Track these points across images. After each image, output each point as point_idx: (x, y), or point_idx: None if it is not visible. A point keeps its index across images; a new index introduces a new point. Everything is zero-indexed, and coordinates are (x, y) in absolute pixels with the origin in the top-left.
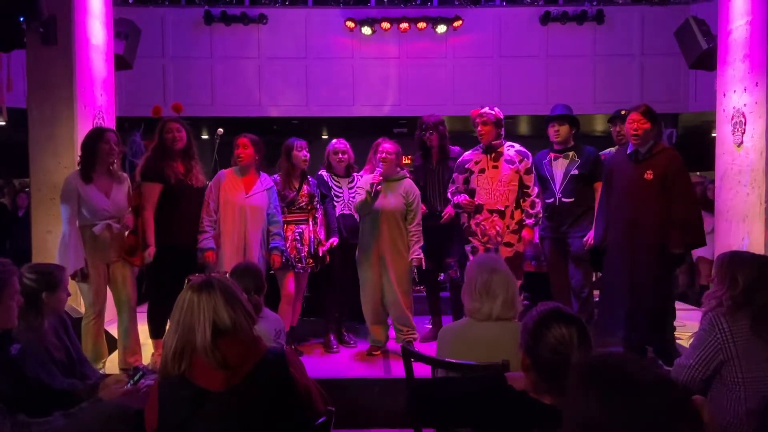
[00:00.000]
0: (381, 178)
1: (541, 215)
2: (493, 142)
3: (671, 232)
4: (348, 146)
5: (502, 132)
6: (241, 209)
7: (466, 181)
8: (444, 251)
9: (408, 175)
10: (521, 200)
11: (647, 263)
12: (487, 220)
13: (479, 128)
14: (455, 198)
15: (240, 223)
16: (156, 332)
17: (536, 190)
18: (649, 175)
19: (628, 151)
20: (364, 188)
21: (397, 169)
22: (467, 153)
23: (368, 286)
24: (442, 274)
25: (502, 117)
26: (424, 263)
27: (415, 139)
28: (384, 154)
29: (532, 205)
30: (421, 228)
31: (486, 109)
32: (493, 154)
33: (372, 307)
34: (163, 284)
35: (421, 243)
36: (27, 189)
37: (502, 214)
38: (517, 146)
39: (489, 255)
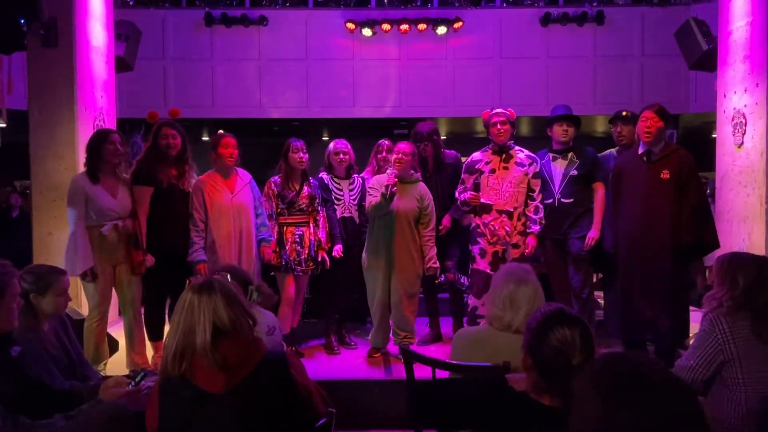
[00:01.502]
0: (396, 179)
1: (544, 221)
2: (507, 143)
3: (682, 230)
4: (349, 147)
5: (514, 132)
6: (233, 211)
7: (476, 181)
8: (443, 254)
9: (421, 179)
10: (526, 204)
11: (664, 262)
12: (496, 220)
13: (499, 127)
14: (462, 196)
15: (234, 225)
16: (154, 335)
17: (541, 195)
18: (665, 174)
19: (640, 151)
20: (378, 189)
21: (411, 171)
22: (476, 153)
23: (377, 289)
24: (442, 276)
25: (515, 117)
26: (437, 271)
27: None
28: (400, 155)
29: (536, 211)
30: (434, 234)
31: (500, 110)
32: (504, 155)
33: (380, 310)
34: (158, 287)
35: (435, 249)
36: (28, 191)
37: (510, 215)
38: (526, 151)
39: (520, 265)
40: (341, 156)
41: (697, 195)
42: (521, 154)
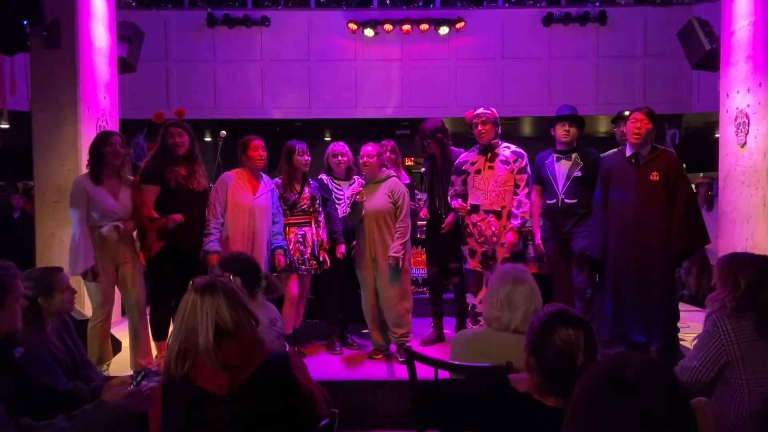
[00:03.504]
0: (361, 189)
1: (528, 216)
2: (491, 142)
3: (674, 233)
4: (347, 149)
5: (499, 131)
6: (250, 211)
7: (464, 183)
8: (448, 255)
9: (394, 174)
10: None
11: (655, 264)
12: (483, 220)
13: (479, 128)
14: (453, 202)
15: (249, 225)
16: (158, 334)
17: (526, 190)
18: (655, 176)
19: (627, 154)
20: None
21: (381, 170)
22: (464, 154)
23: (366, 289)
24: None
25: (497, 116)
26: (401, 262)
27: (417, 147)
28: (365, 159)
29: (519, 205)
30: (406, 224)
31: (482, 110)
32: (489, 155)
33: (371, 311)
34: (164, 287)
35: (404, 239)
36: (32, 191)
37: (498, 214)
38: (513, 147)
39: (515, 265)
40: (339, 158)
41: (685, 195)
42: (507, 151)
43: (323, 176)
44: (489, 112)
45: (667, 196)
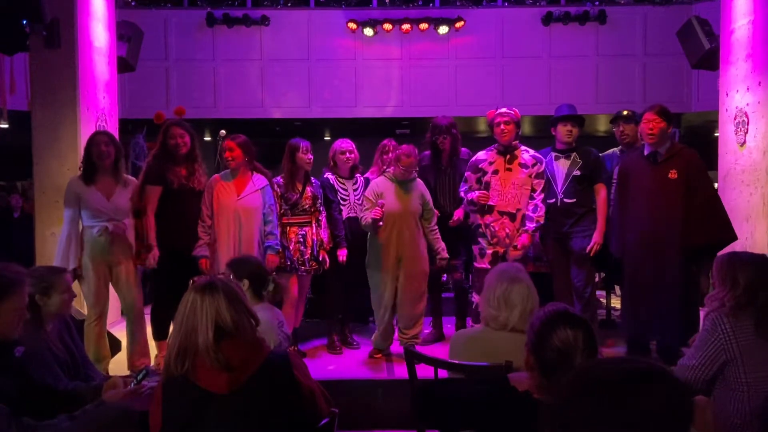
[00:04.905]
0: (381, 215)
1: (542, 220)
2: (512, 143)
3: (692, 230)
4: (354, 146)
5: (520, 132)
6: (234, 212)
7: (479, 181)
8: (450, 253)
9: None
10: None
11: (674, 264)
12: (497, 221)
13: (503, 127)
14: (469, 195)
15: (234, 226)
16: (159, 334)
17: (542, 195)
18: (673, 174)
19: (646, 153)
20: (371, 200)
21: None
22: (481, 152)
23: (386, 290)
24: (445, 275)
25: (520, 117)
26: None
27: (426, 141)
28: (412, 157)
29: (535, 209)
30: (438, 227)
31: (505, 109)
32: (508, 156)
33: (388, 313)
34: (165, 286)
35: (442, 242)
36: (30, 191)
37: (512, 216)
38: (532, 151)
39: (512, 264)
40: (347, 155)
41: (706, 192)
42: (526, 154)
43: (329, 175)
44: (512, 112)
45: (686, 194)
